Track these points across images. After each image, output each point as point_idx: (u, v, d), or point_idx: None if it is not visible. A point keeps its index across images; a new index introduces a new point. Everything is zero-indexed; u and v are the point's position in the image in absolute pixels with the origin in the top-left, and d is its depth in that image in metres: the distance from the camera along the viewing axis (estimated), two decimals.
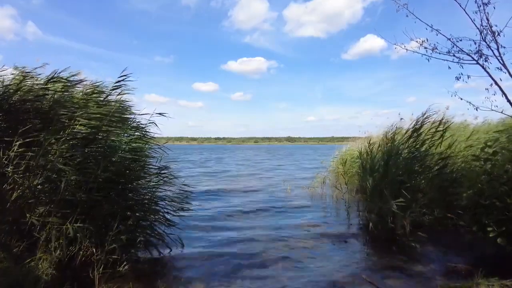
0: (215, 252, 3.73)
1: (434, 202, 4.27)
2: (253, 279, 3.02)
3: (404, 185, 4.31)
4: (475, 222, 3.31)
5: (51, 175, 2.87)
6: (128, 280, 2.81)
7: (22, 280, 2.31)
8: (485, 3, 3.36)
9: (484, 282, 2.59)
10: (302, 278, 3.03)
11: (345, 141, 10.21)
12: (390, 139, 4.92)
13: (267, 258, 3.56)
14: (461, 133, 6.14)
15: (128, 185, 3.55)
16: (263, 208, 6.39)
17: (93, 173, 2.97)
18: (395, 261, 3.48)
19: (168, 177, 3.86)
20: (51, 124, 2.98)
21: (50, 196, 2.84)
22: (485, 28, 3.42)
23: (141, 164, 3.69)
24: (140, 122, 3.87)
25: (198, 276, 3.06)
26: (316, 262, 3.47)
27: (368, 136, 7.75)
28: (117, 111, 3.55)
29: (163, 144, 4.05)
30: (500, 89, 3.43)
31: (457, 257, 3.54)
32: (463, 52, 3.60)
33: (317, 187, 8.28)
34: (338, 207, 6.24)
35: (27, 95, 3.07)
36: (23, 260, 2.48)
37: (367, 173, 4.76)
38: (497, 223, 3.02)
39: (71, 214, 2.76)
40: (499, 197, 3.08)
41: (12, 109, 2.97)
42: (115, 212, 3.13)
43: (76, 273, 2.72)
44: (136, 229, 3.37)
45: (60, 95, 3.28)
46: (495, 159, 3.32)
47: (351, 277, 3.06)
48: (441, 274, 3.09)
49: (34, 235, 2.66)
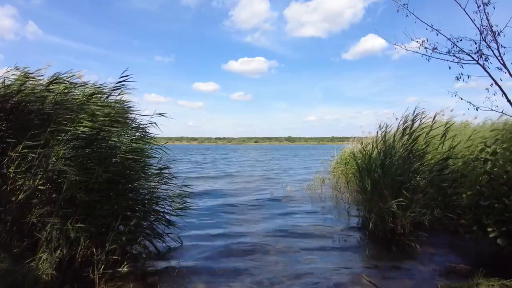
0: (216, 251, 3.74)
1: (434, 202, 4.27)
2: (253, 278, 3.02)
3: (404, 185, 4.31)
4: (475, 222, 3.30)
5: (52, 176, 2.87)
6: (128, 280, 2.82)
7: (22, 280, 2.31)
8: (485, 3, 3.35)
9: (484, 282, 2.59)
10: (302, 278, 3.03)
11: (346, 141, 10.19)
12: (382, 138, 4.94)
13: (267, 258, 3.57)
14: (461, 132, 6.15)
15: (128, 185, 3.56)
16: (266, 208, 6.40)
17: (94, 174, 2.97)
18: (395, 261, 3.49)
19: (168, 177, 3.86)
20: (53, 125, 2.98)
21: (52, 196, 2.85)
22: (485, 28, 3.42)
23: (141, 165, 3.70)
24: (140, 123, 3.88)
25: (198, 276, 3.06)
26: (316, 262, 3.47)
27: (366, 136, 7.77)
28: (118, 111, 3.55)
29: (164, 144, 4.05)
30: (500, 89, 3.42)
31: (457, 257, 3.54)
32: (463, 52, 3.60)
33: (317, 187, 8.29)
34: (338, 207, 6.24)
35: (30, 96, 3.07)
36: (23, 260, 2.49)
37: (365, 173, 4.76)
38: (497, 223, 3.01)
39: (72, 214, 2.77)
40: (499, 197, 3.08)
41: (14, 110, 2.97)
42: (116, 212, 3.14)
43: (76, 273, 2.72)
44: (137, 229, 3.37)
45: (62, 97, 3.28)
46: (495, 159, 3.31)
47: (351, 277, 3.06)
48: (441, 274, 3.09)
49: (35, 235, 2.66)
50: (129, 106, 3.93)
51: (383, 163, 4.53)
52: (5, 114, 2.96)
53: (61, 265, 2.63)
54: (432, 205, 4.23)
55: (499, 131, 4.64)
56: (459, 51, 3.62)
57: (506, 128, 4.90)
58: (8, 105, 2.94)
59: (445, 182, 4.47)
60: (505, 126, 5.29)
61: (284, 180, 10.45)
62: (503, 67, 3.37)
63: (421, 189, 4.45)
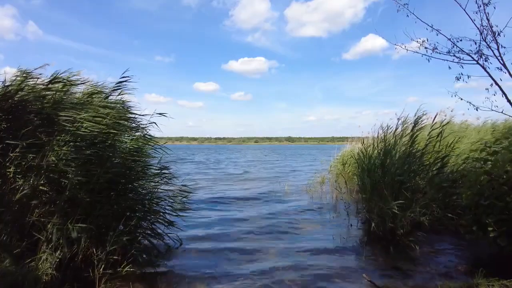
0: (216, 251, 3.74)
1: (434, 202, 4.27)
2: (253, 279, 3.02)
3: (404, 185, 4.31)
4: (475, 222, 3.30)
5: (53, 176, 2.87)
6: (129, 280, 2.82)
7: (22, 280, 2.31)
8: (485, 3, 3.36)
9: (484, 282, 2.59)
10: (302, 278, 3.03)
11: (346, 141, 10.18)
12: (382, 138, 4.94)
13: (267, 258, 3.57)
14: (465, 134, 6.12)
15: (128, 185, 3.56)
16: (268, 208, 6.40)
17: (95, 174, 2.97)
18: (395, 261, 3.49)
19: (168, 177, 3.86)
20: (53, 125, 2.98)
21: (52, 196, 2.85)
22: (485, 28, 3.43)
23: (141, 165, 3.70)
24: (141, 123, 3.87)
25: (199, 276, 3.06)
26: (316, 262, 3.47)
27: (366, 136, 7.76)
28: (119, 112, 3.55)
29: (163, 144, 4.05)
30: (500, 89, 3.43)
31: (457, 257, 3.54)
32: (463, 52, 3.60)
33: (317, 187, 8.28)
34: (338, 207, 6.23)
35: (29, 96, 3.06)
36: (23, 260, 2.49)
37: (365, 173, 4.77)
38: (497, 222, 3.01)
39: (72, 214, 2.77)
40: (499, 197, 3.08)
41: (14, 109, 2.97)
42: (116, 212, 3.14)
43: (77, 273, 2.72)
44: (137, 229, 3.37)
45: (62, 96, 3.27)
46: (495, 159, 3.31)
47: (351, 277, 3.06)
48: (441, 274, 3.09)
49: (35, 235, 2.66)
50: (129, 106, 3.93)
51: (383, 163, 4.53)
52: (4, 113, 2.96)
53: (61, 265, 2.62)
54: (432, 205, 4.23)
55: (498, 132, 4.64)
56: (459, 51, 3.63)
57: (506, 127, 4.90)
58: (7, 104, 2.94)
59: (444, 182, 4.46)
60: (505, 126, 5.30)
61: (291, 179, 10.39)
62: (503, 67, 3.37)
63: (421, 189, 4.45)
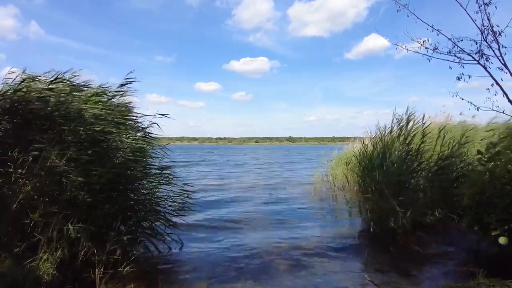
0: (216, 252, 3.74)
1: (435, 202, 4.27)
2: (254, 279, 3.02)
3: (404, 185, 4.31)
4: (476, 222, 3.30)
5: (54, 176, 2.87)
6: (129, 280, 2.81)
7: (22, 280, 2.32)
8: (486, 3, 3.34)
9: (486, 282, 2.58)
10: (302, 279, 3.03)
11: (346, 141, 10.17)
12: (380, 138, 4.94)
13: (268, 258, 3.56)
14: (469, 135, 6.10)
15: (129, 186, 3.56)
16: (269, 208, 6.39)
17: (96, 174, 2.97)
18: (396, 261, 3.48)
19: (169, 177, 3.86)
20: (55, 126, 2.98)
21: (53, 196, 2.85)
22: (486, 28, 3.41)
23: (143, 165, 3.70)
24: (142, 123, 3.88)
25: (199, 276, 3.06)
26: (316, 262, 3.47)
27: (367, 137, 7.75)
28: (121, 112, 3.56)
29: (165, 145, 4.05)
30: (501, 89, 3.42)
31: (458, 257, 3.53)
32: (464, 52, 3.59)
33: (318, 187, 8.28)
34: (339, 207, 6.23)
35: (31, 97, 3.06)
36: (24, 260, 2.49)
37: (365, 173, 4.76)
38: (499, 221, 3.01)
39: (73, 215, 2.77)
40: (501, 196, 3.07)
41: (15, 110, 2.97)
42: (116, 212, 3.14)
43: (77, 273, 2.72)
44: (137, 229, 3.37)
45: (65, 97, 3.27)
46: (498, 159, 3.30)
47: (352, 277, 3.06)
48: (442, 274, 3.09)
49: (36, 235, 2.66)
50: (131, 107, 3.93)
51: (383, 163, 4.52)
52: (6, 114, 2.97)
53: (62, 265, 2.63)
54: (433, 205, 4.23)
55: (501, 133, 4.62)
56: (460, 51, 3.61)
57: (508, 127, 4.88)
58: (8, 105, 2.94)
59: (445, 182, 4.46)
60: (507, 126, 5.28)
61: (293, 179, 10.39)
62: (504, 67, 3.36)
63: (421, 189, 4.44)
